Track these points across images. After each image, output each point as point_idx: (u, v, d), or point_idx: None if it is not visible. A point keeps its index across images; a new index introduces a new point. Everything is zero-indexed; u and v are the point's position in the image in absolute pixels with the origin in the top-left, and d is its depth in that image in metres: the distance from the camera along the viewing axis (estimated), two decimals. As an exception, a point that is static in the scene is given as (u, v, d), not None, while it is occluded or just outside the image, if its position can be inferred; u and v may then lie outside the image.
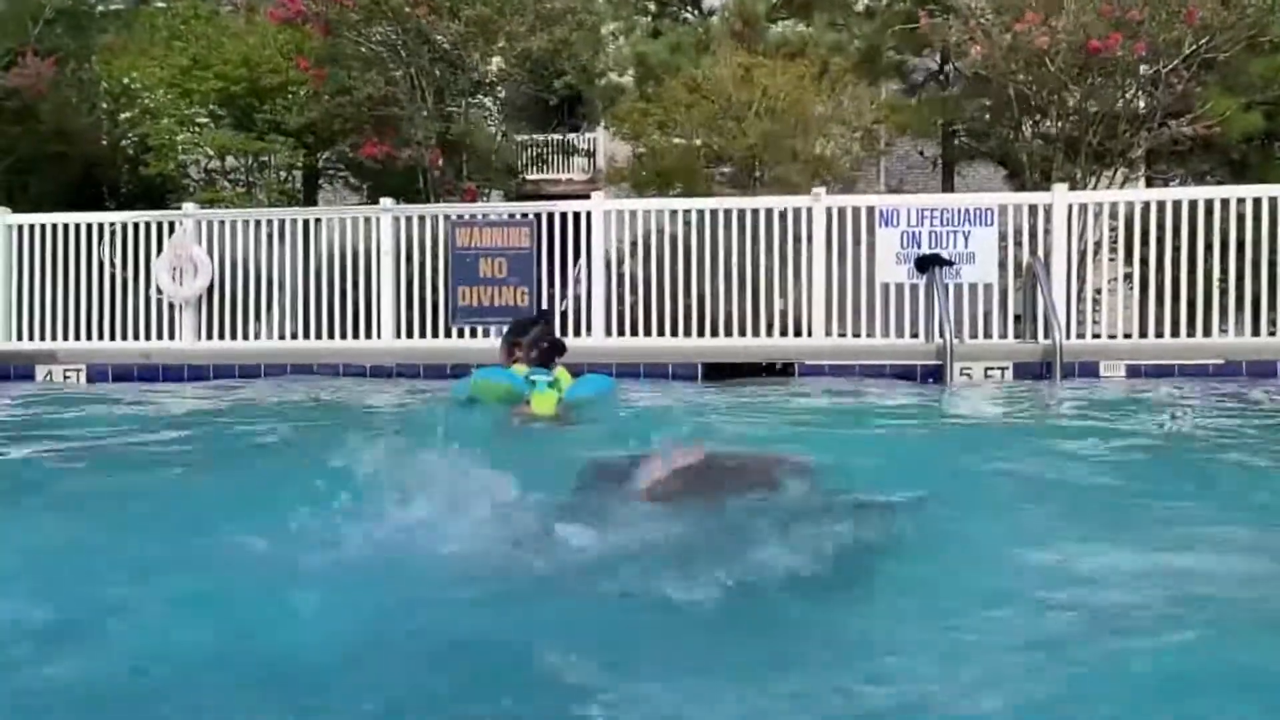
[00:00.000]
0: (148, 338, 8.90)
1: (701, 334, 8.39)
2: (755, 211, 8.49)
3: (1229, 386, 6.11)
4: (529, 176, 19.52)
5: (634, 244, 8.94)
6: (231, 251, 8.92)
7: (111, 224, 9.08)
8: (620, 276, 8.70)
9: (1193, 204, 7.93)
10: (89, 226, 9.04)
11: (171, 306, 8.94)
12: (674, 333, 8.40)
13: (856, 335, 8.26)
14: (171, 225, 9.00)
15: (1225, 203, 7.88)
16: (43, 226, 9.02)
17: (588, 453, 3.16)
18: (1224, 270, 7.84)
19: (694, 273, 8.45)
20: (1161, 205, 8.03)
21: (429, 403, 5.73)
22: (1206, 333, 7.78)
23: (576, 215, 8.65)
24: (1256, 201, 7.80)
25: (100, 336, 8.94)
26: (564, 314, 8.70)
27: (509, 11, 11.90)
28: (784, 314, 8.38)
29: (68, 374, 8.05)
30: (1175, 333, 7.81)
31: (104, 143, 13.89)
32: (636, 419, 4.59)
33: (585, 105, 16.65)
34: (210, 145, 12.55)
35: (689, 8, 16.13)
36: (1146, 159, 12.34)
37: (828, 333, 8.20)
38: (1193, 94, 10.57)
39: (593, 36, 13.67)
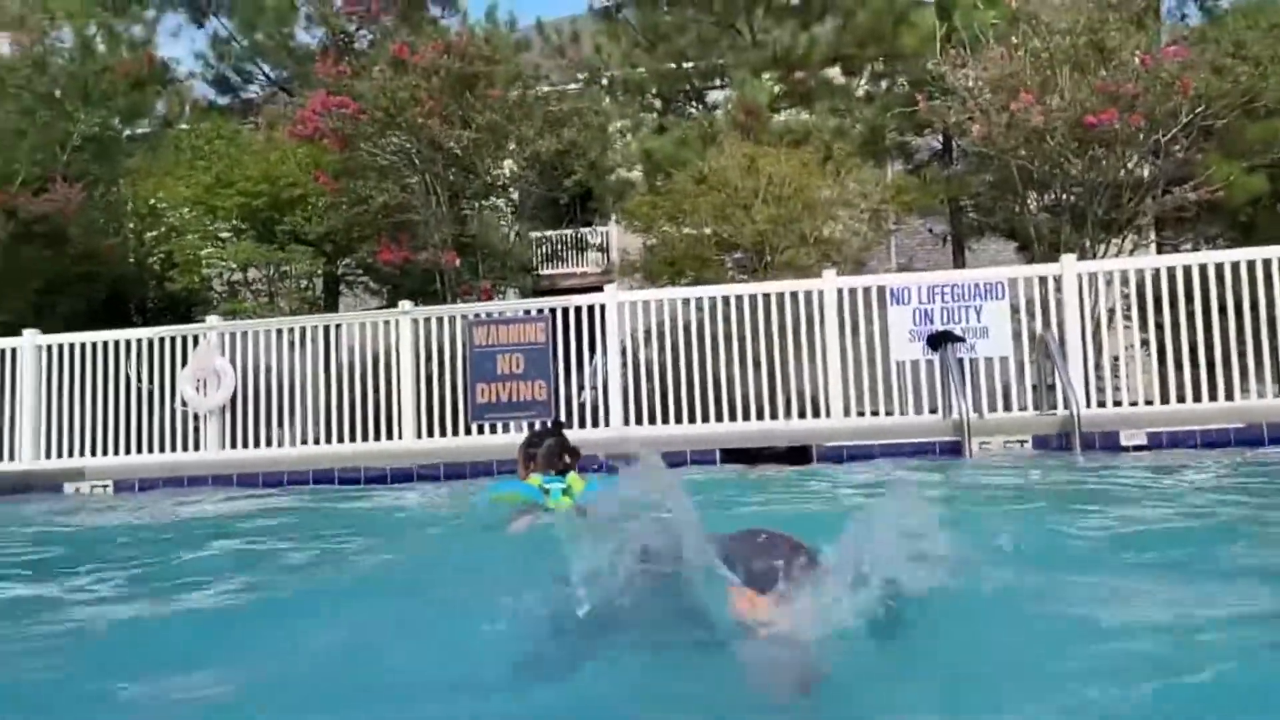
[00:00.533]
0: (173, 449, 9.02)
1: (720, 419, 8.41)
2: (767, 296, 8.59)
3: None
4: (543, 272, 19.85)
5: (649, 333, 9.05)
6: (254, 360, 9.09)
7: (137, 340, 9.30)
8: (637, 366, 8.78)
9: (1203, 268, 7.96)
10: (115, 344, 9.26)
11: (196, 417, 9.07)
12: (692, 418, 8.42)
13: (875, 413, 8.25)
14: (195, 338, 9.20)
15: (1235, 265, 7.90)
16: (70, 346, 9.25)
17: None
18: (1240, 332, 7.82)
19: (709, 358, 8.52)
20: (1171, 270, 8.07)
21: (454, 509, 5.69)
22: (1228, 396, 7.71)
23: (591, 308, 8.79)
24: (1266, 263, 7.81)
25: (127, 451, 9.07)
26: (582, 406, 8.77)
27: (518, 117, 12.31)
28: (801, 395, 8.40)
29: (96, 488, 8.15)
30: (1197, 398, 7.75)
31: (131, 261, 14.30)
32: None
33: (596, 200, 16.99)
34: (233, 258, 12.89)
35: (693, 103, 16.59)
36: (1155, 225, 12.43)
37: (846, 412, 8.19)
38: (1194, 161, 10.70)
39: (600, 135, 14.06)
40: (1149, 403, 8.10)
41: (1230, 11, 13.05)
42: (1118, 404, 8.17)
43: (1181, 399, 7.80)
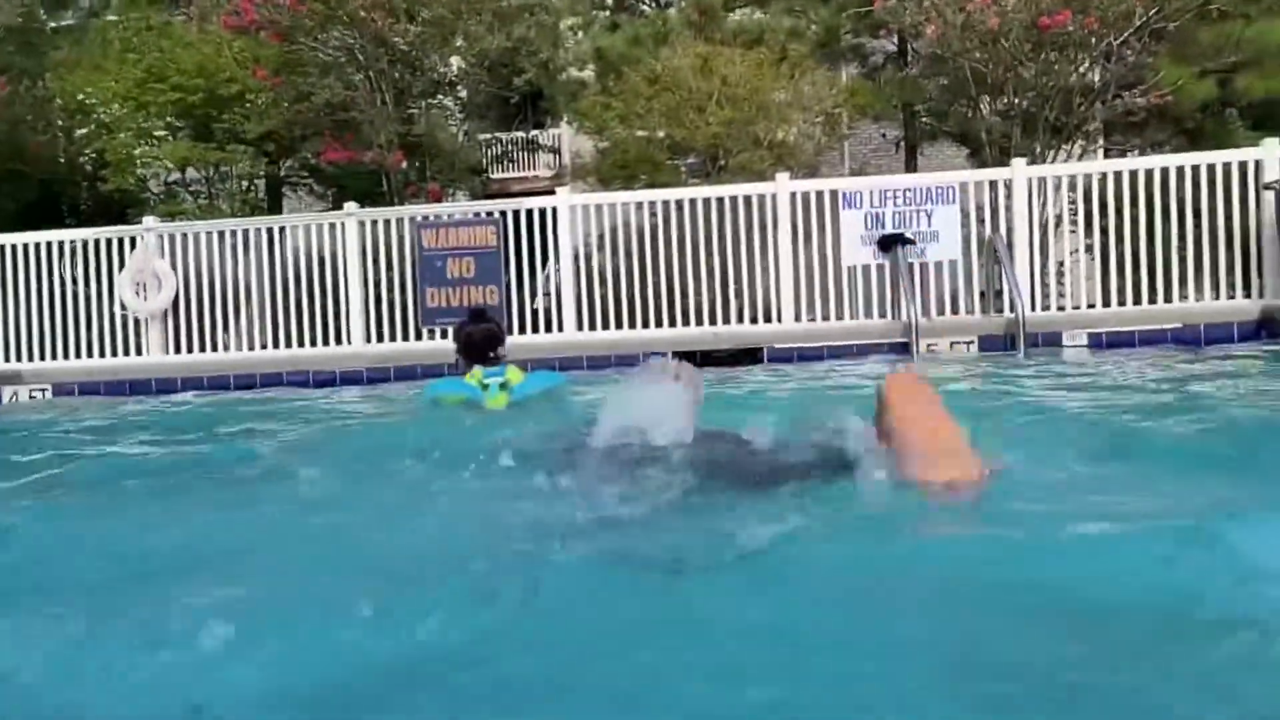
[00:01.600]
0: (114, 354, 8.83)
1: (673, 323, 8.43)
2: (720, 200, 8.54)
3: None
4: (494, 175, 19.48)
5: (601, 237, 8.97)
6: (195, 264, 8.86)
7: (72, 241, 9.00)
8: (589, 270, 8.72)
9: (1149, 173, 8.04)
10: (49, 245, 8.95)
11: (137, 322, 8.87)
12: (645, 324, 8.43)
13: (826, 319, 8.33)
14: (133, 240, 8.93)
15: (1181, 170, 8.00)
16: (2, 247, 8.92)
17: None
18: (1182, 237, 7.96)
19: (662, 263, 8.48)
20: (1119, 175, 8.15)
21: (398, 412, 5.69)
22: (1167, 299, 7.90)
23: (543, 211, 8.66)
24: (1211, 168, 7.92)
25: (65, 355, 8.86)
26: (535, 311, 8.72)
27: (466, 12, 11.87)
28: (753, 299, 8.43)
29: (33, 393, 7.98)
30: (1137, 301, 7.94)
31: (61, 160, 13.74)
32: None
33: (547, 101, 16.61)
34: (169, 158, 12.44)
35: (646, 1, 16.15)
36: (1104, 131, 12.49)
37: (797, 317, 8.26)
38: (1145, 65, 10.72)
39: (551, 33, 13.67)
40: (1091, 306, 8.28)
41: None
42: (1061, 308, 8.33)
43: (1123, 303, 7.99)
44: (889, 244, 7.89)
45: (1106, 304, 8.09)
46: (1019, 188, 8.12)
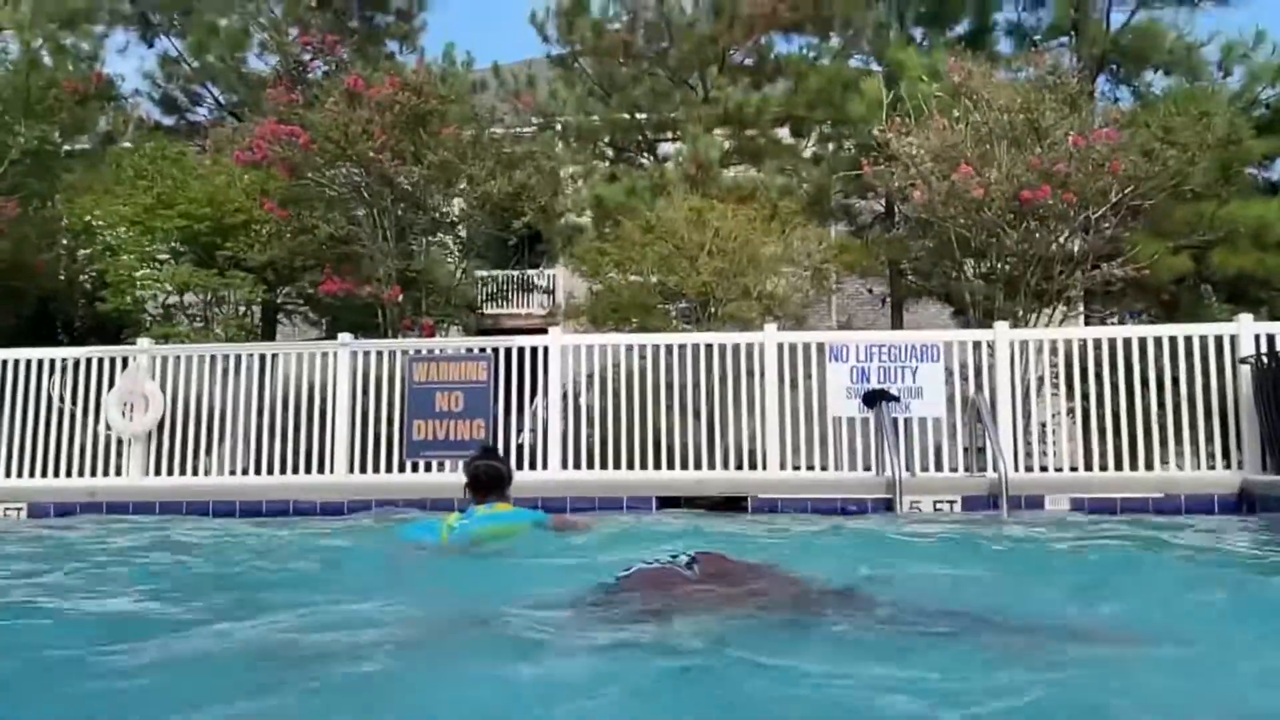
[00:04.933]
0: (94, 474, 8.74)
1: (658, 466, 8.43)
2: (709, 346, 8.69)
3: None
4: (488, 311, 19.79)
5: (591, 378, 9.06)
6: (185, 387, 8.89)
7: (63, 359, 9.03)
8: (577, 410, 8.77)
9: (1127, 341, 8.25)
10: (39, 362, 8.98)
11: (120, 442, 8.81)
12: (630, 465, 8.43)
13: (811, 467, 8.35)
14: (125, 360, 8.97)
15: (1159, 341, 8.21)
16: (-7, 361, 8.95)
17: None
18: (1161, 405, 8.10)
19: (650, 406, 8.55)
20: (1098, 342, 8.36)
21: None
22: (1149, 466, 7.97)
23: (534, 350, 8.78)
24: (1188, 339, 8.13)
25: (45, 474, 8.76)
26: (520, 447, 8.72)
27: (471, 157, 12.34)
28: (739, 446, 8.47)
29: (8, 511, 7.85)
30: (1119, 466, 8.00)
31: (61, 278, 13.92)
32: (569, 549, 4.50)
33: (545, 243, 17.07)
34: (170, 281, 12.63)
35: (645, 153, 16.83)
36: (1084, 298, 12.87)
37: (782, 465, 8.28)
38: (1122, 238, 11.15)
39: (552, 180, 14.16)
40: (1074, 469, 8.33)
41: (1161, 98, 13.71)
42: (1044, 469, 8.38)
43: (1104, 467, 8.05)
44: (873, 400, 7.99)
45: (1089, 467, 8.16)
46: (1001, 349, 8.30)
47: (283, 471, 8.64)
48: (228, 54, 18.08)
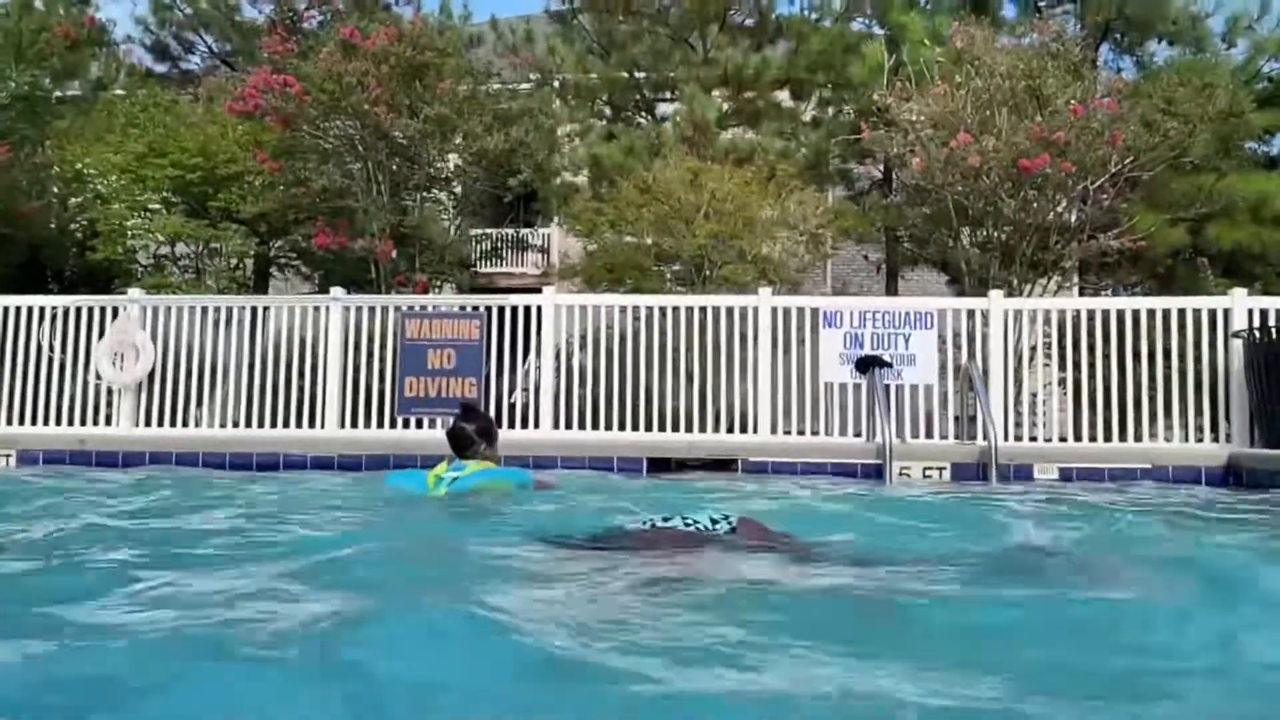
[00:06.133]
0: (83, 423, 8.72)
1: (649, 428, 8.45)
2: (703, 309, 8.67)
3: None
4: (482, 269, 19.68)
5: (584, 338, 9.05)
6: (176, 337, 8.84)
7: (54, 308, 8.98)
8: (570, 370, 8.77)
9: (1120, 313, 8.26)
10: (29, 310, 8.93)
11: (109, 392, 8.79)
12: (621, 426, 8.44)
13: (801, 432, 8.38)
14: (115, 310, 8.92)
15: (1152, 313, 8.22)
16: (-18, 308, 8.89)
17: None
18: (1152, 378, 8.13)
19: (643, 367, 8.55)
20: (1092, 314, 8.37)
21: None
22: (1137, 438, 8.02)
23: (528, 309, 8.75)
24: (1181, 313, 8.14)
25: (34, 421, 8.74)
26: (513, 406, 8.71)
27: (467, 112, 12.20)
28: (730, 409, 8.48)
29: (-4, 458, 7.84)
30: (1108, 437, 8.05)
31: (52, 226, 13.79)
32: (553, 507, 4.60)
33: (540, 202, 16.93)
34: (161, 231, 12.52)
35: (642, 113, 16.65)
36: (1079, 269, 12.85)
37: (773, 429, 8.30)
38: (1119, 209, 11.11)
39: (548, 137, 14.02)
40: (1063, 439, 8.37)
41: (1164, 68, 13.60)
42: (1033, 439, 8.42)
43: (1094, 438, 8.09)
44: (866, 365, 7.99)
45: (1079, 438, 8.20)
46: (995, 318, 8.30)
47: (273, 425, 8.64)
48: (221, 0, 17.81)
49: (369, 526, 4.21)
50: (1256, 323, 7.76)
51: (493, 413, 8.36)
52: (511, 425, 8.54)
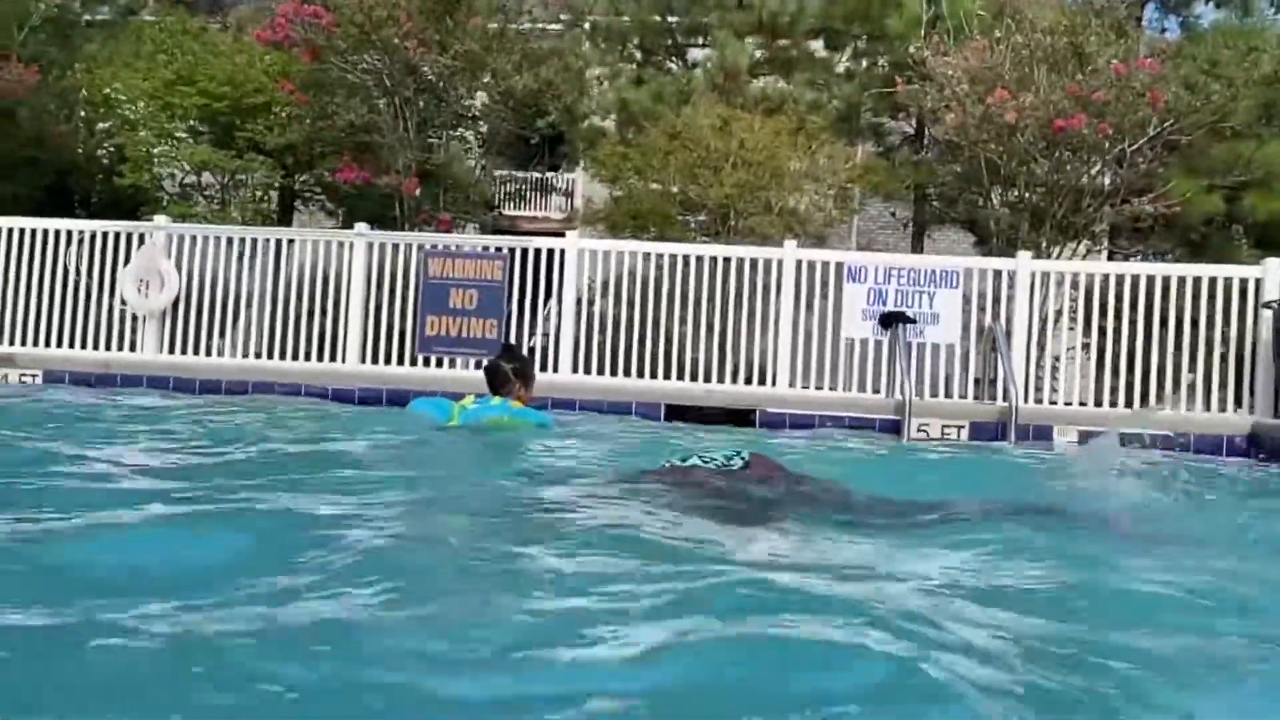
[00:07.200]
0: (108, 348, 8.81)
1: (669, 376, 8.46)
2: (727, 260, 8.61)
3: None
4: (506, 211, 19.64)
5: (606, 284, 9.02)
6: (200, 267, 8.88)
7: (80, 232, 9.02)
8: (591, 315, 8.76)
9: (1150, 279, 8.14)
10: (56, 233, 8.98)
11: (135, 318, 8.86)
12: (640, 373, 8.45)
13: (820, 387, 8.36)
14: (141, 237, 8.95)
15: (1182, 281, 8.09)
16: (10, 230, 8.95)
17: None
18: (1178, 346, 8.03)
19: (663, 315, 8.53)
20: (1120, 279, 8.25)
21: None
22: (1159, 405, 7.95)
23: (551, 252, 8.72)
24: (1212, 281, 8.01)
25: (60, 344, 8.84)
26: (533, 349, 8.73)
27: (496, 49, 12.08)
28: (750, 361, 8.47)
29: (24, 377, 7.94)
30: (1129, 403, 7.98)
31: (80, 151, 13.82)
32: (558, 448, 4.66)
33: (566, 145, 16.81)
34: (188, 160, 12.53)
35: (673, 58, 16.42)
36: (1109, 234, 12.68)
37: (792, 382, 8.28)
38: (1156, 174, 10.92)
39: (577, 79, 13.87)
40: (1084, 404, 8.32)
41: (1209, 30, 13.27)
42: (1054, 402, 8.38)
43: (1115, 404, 8.03)
44: (889, 321, 7.94)
45: (1099, 403, 8.14)
46: (1022, 280, 8.20)
47: (295, 358, 8.69)
48: (252, -73, 17.60)
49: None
50: (1288, 293, 7.64)
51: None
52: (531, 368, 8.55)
